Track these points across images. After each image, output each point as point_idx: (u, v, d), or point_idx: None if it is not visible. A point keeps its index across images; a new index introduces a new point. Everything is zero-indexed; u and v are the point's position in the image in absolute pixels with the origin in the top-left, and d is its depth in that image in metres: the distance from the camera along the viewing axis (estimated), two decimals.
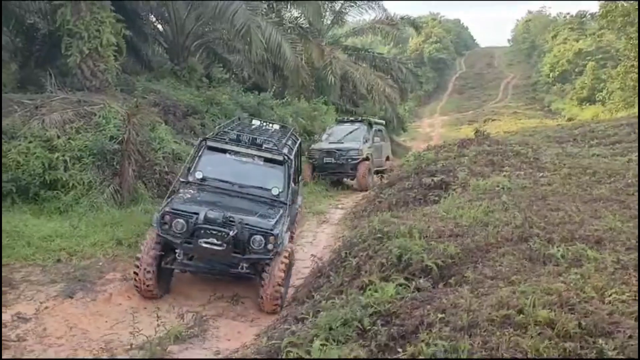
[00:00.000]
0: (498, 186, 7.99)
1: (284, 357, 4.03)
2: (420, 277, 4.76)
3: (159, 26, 20.53)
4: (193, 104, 16.22)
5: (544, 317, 3.39)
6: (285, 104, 20.58)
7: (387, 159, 18.47)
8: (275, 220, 7.03)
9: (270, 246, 6.71)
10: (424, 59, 68.82)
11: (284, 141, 8.58)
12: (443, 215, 6.74)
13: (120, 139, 10.77)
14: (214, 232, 6.66)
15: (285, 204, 7.57)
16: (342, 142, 16.25)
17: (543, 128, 25.56)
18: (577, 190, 7.56)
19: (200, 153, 8.02)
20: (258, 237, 6.70)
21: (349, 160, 15.76)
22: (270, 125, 9.68)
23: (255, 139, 8.05)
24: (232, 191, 7.59)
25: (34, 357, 5.46)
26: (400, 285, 4.55)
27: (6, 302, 6.30)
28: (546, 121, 40.31)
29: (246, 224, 6.74)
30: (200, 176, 7.71)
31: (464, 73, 78.82)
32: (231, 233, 6.61)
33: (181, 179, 7.96)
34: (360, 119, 18.38)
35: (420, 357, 3.22)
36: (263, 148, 7.96)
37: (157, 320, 5.94)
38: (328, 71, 23.48)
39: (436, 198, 9.12)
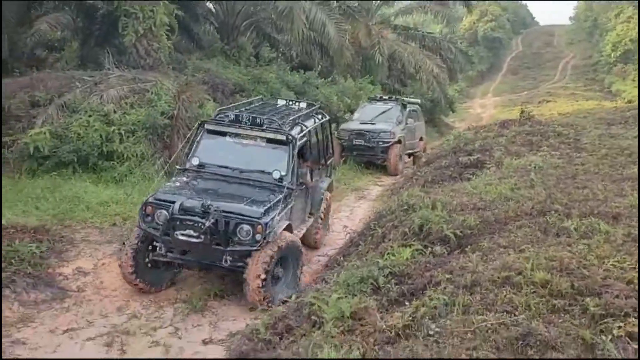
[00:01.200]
0: (530, 165, 8.13)
1: (306, 311, 4.48)
2: (437, 245, 5.09)
3: (210, 6, 21.11)
4: (241, 82, 16.75)
5: (540, 278, 3.68)
6: (331, 83, 20.87)
7: (421, 139, 17.51)
8: (266, 207, 6.29)
9: (258, 236, 6.03)
10: (477, 38, 67.21)
11: (297, 120, 7.78)
12: (470, 191, 6.99)
13: (170, 114, 11.47)
14: (190, 223, 6.05)
15: (289, 188, 6.81)
16: (374, 123, 15.27)
17: (599, 110, 24.84)
18: (609, 170, 7.63)
19: (198, 137, 7.45)
20: (245, 227, 6.06)
21: (380, 143, 14.79)
22: (296, 104, 9.07)
23: (256, 118, 7.28)
24: (231, 177, 6.97)
25: (91, 305, 6.15)
26: (417, 250, 4.91)
27: (68, 257, 7.06)
28: (604, 103, 38.90)
29: (230, 213, 6.11)
30: (197, 162, 7.15)
31: (520, 52, 76.47)
32: (207, 223, 5.95)
33: (177, 167, 7.50)
34: (394, 97, 17.34)
35: (422, 311, 3.58)
36: (265, 128, 7.18)
37: (200, 279, 6.53)
38: (375, 50, 23.55)
39: (470, 176, 9.32)
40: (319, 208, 8.30)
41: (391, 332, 3.41)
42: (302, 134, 7.48)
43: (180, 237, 6.08)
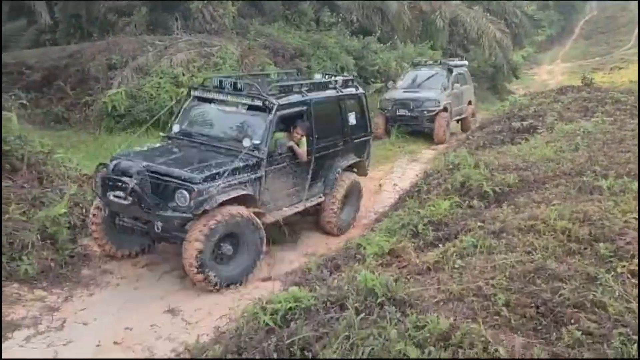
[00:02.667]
0: (579, 130, 8.27)
1: (353, 252, 5.07)
2: (476, 200, 5.51)
3: None
4: (301, 46, 17.22)
5: (561, 226, 4.08)
6: (390, 48, 20.98)
7: (469, 103, 16.36)
8: (211, 173, 5.85)
9: (192, 203, 5.63)
10: (548, 2, 64.30)
11: (295, 87, 7.18)
12: (515, 153, 7.29)
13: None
14: (119, 184, 5.83)
15: (257, 157, 6.30)
16: (418, 91, 14.52)
17: None
18: None
19: (186, 104, 7.24)
20: (182, 192, 5.67)
21: (425, 112, 13.97)
22: (333, 77, 8.26)
23: (236, 83, 6.88)
24: (206, 144, 6.64)
25: (167, 245, 6.97)
26: (455, 203, 5.36)
27: None
28: None
29: (167, 176, 5.84)
30: (177, 129, 6.97)
31: (594, 16, 72.59)
32: (130, 184, 5.68)
33: (161, 134, 7.44)
34: (439, 62, 16.51)
35: (452, 250, 4.08)
36: (243, 93, 6.76)
37: None
38: (436, 15, 23.35)
39: (521, 141, 9.52)
40: (332, 188, 7.48)
41: (423, 266, 3.93)
42: (291, 102, 6.82)
43: (112, 198, 5.93)
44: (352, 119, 7.92)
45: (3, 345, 4.87)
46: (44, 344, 4.92)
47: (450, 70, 15.23)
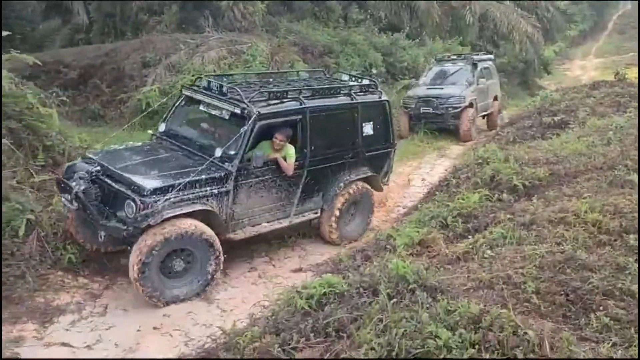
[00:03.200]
0: (612, 125, 8.21)
1: (383, 243, 5.17)
2: (505, 193, 5.56)
3: None
4: (329, 43, 17.32)
5: (591, 218, 4.12)
6: (419, 44, 20.93)
7: (495, 99, 15.59)
8: (168, 184, 5.44)
9: (137, 215, 5.21)
10: None
11: (291, 94, 6.57)
12: (546, 148, 7.29)
13: None
14: (67, 188, 5.66)
15: (226, 170, 5.84)
16: (442, 87, 13.91)
17: None
18: None
19: (177, 103, 6.93)
20: (130, 203, 5.29)
21: (449, 109, 13.39)
22: (358, 79, 7.78)
23: (222, 86, 6.45)
24: (185, 149, 6.27)
25: None
26: (485, 196, 5.42)
27: None
28: None
29: (120, 183, 5.54)
30: (163, 129, 6.70)
31: (628, 10, 70.72)
32: (74, 189, 5.48)
33: (149, 131, 7.13)
34: (463, 56, 15.67)
35: (482, 241, 4.15)
36: (227, 98, 6.32)
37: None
38: (466, 10, 23.19)
39: (552, 136, 9.48)
40: (331, 204, 6.91)
41: (452, 256, 4.02)
42: (276, 111, 6.26)
43: (63, 200, 5.82)
44: (367, 129, 7.21)
45: (50, 328, 5.14)
46: (87, 328, 5.16)
47: (474, 65, 14.59)
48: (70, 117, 11.73)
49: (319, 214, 6.96)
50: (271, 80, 7.83)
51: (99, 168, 5.74)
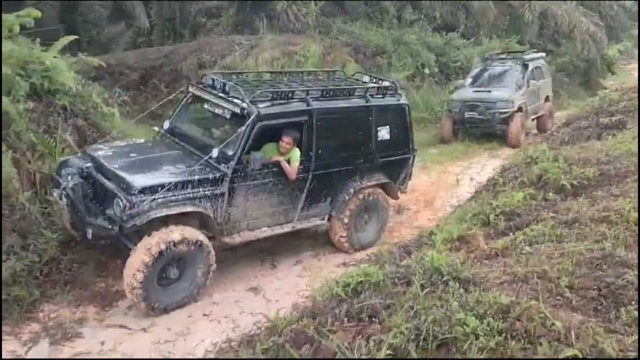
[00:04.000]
0: None
1: (426, 240, 5.26)
2: (551, 193, 5.51)
3: None
4: (382, 44, 17.38)
5: (634, 218, 4.07)
6: (474, 43, 20.64)
7: (547, 100, 14.72)
8: (153, 183, 5.35)
9: (123, 215, 5.16)
10: None
11: (297, 93, 6.34)
12: (598, 148, 7.13)
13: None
14: (58, 184, 5.74)
15: (221, 171, 5.72)
16: (489, 90, 13.05)
17: None
18: None
19: (184, 101, 6.91)
20: (118, 201, 5.26)
21: (497, 114, 12.57)
22: (379, 81, 7.50)
23: (225, 84, 6.34)
24: (186, 148, 6.19)
25: None
26: (530, 195, 5.40)
27: None
28: None
29: (109, 179, 5.53)
30: (167, 126, 6.64)
31: None
32: (63, 184, 5.57)
33: (155, 128, 7.12)
34: (512, 55, 14.73)
35: (521, 238, 4.18)
36: (229, 97, 6.20)
37: None
38: (525, 8, 22.68)
39: (608, 137, 9.22)
40: (340, 210, 6.73)
41: (491, 252, 4.07)
42: (279, 111, 6.07)
43: (55, 195, 5.90)
44: (383, 133, 6.93)
45: (109, 311, 5.52)
46: (142, 313, 5.50)
47: (525, 66, 13.66)
48: (131, 116, 12.32)
49: (326, 220, 6.79)
50: (284, 80, 7.59)
51: (90, 164, 5.73)
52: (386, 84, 7.33)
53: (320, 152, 6.36)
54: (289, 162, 6.14)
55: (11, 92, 7.25)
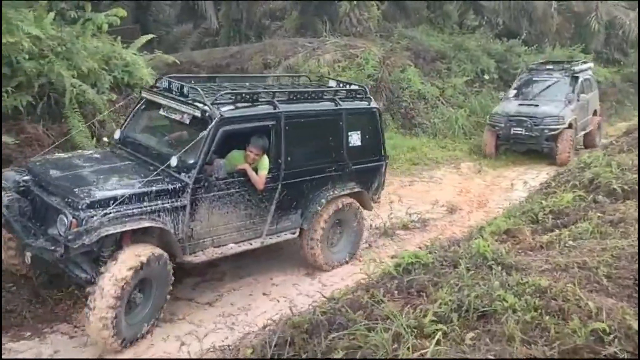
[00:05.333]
0: None
1: (476, 234, 5.52)
2: (601, 196, 5.66)
3: None
4: (442, 49, 17.50)
5: None
6: (536, 51, 20.42)
7: (595, 113, 13.76)
8: (103, 197, 4.69)
9: (70, 235, 4.41)
10: None
11: (262, 97, 5.83)
12: None
13: (375, 77, 12.94)
14: None
15: (181, 181, 5.13)
16: (537, 104, 12.08)
17: None
18: None
19: (137, 107, 6.22)
20: (62, 218, 4.59)
21: (545, 131, 11.59)
22: (347, 85, 6.99)
23: (183, 87, 5.68)
24: (141, 159, 5.56)
25: None
26: (580, 197, 5.57)
27: None
28: None
29: (51, 194, 4.87)
30: (118, 136, 5.98)
31: None
32: None
33: (105, 139, 6.38)
34: (562, 66, 13.27)
35: (566, 234, 4.40)
36: (188, 100, 5.57)
37: (391, 212, 7.93)
38: (592, 17, 22.21)
39: None
40: (312, 223, 6.21)
41: (536, 245, 4.31)
42: (243, 115, 5.55)
43: None
44: (355, 139, 6.49)
45: (178, 287, 6.03)
46: (208, 289, 6.02)
47: (575, 78, 12.63)
48: None
49: (297, 234, 6.24)
50: (247, 84, 7.06)
51: (29, 178, 5.14)
52: (355, 87, 6.89)
53: (289, 159, 5.87)
54: (256, 170, 5.61)
55: (97, 85, 8.03)
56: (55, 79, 7.13)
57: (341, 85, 6.94)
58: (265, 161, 5.66)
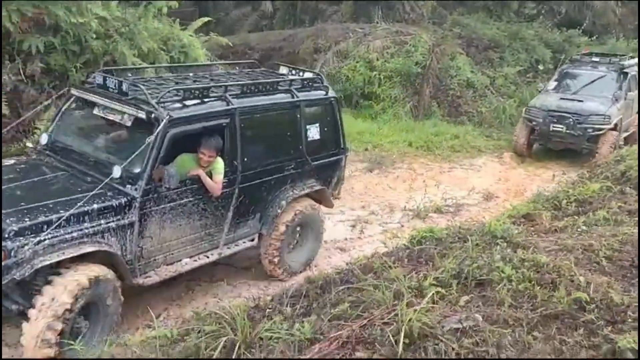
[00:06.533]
0: None
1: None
2: (629, 187, 5.74)
3: None
4: (497, 37, 17.31)
5: None
6: (597, 42, 19.83)
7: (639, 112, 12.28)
8: (36, 221, 4.06)
9: None
10: None
11: (213, 91, 5.18)
12: None
13: (423, 64, 13.07)
14: None
15: (127, 195, 4.52)
16: (581, 100, 10.84)
17: None
18: None
19: (64, 106, 5.42)
20: None
21: (589, 130, 10.43)
22: (300, 73, 6.44)
23: (121, 83, 4.93)
24: (75, 169, 4.85)
25: (343, 201, 8.22)
26: (607, 187, 5.68)
27: None
28: None
29: None
30: (45, 141, 5.19)
31: None
32: None
33: (29, 144, 5.80)
34: (609, 59, 11.89)
35: (582, 220, 4.58)
36: (128, 99, 4.88)
37: (425, 195, 8.20)
38: None
39: None
40: (271, 227, 5.70)
41: (551, 228, 4.52)
42: (195, 114, 4.94)
43: None
44: (313, 132, 6.00)
45: None
46: (244, 256, 6.49)
47: (624, 74, 11.37)
48: None
49: (255, 241, 5.73)
50: (191, 75, 6.30)
51: None
52: (309, 75, 6.36)
53: (246, 159, 5.32)
54: (210, 175, 5.05)
55: (154, 63, 8.61)
56: (119, 57, 7.73)
57: (293, 72, 6.44)
58: (220, 164, 5.09)
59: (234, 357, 2.64)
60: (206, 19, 10.55)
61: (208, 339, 2.78)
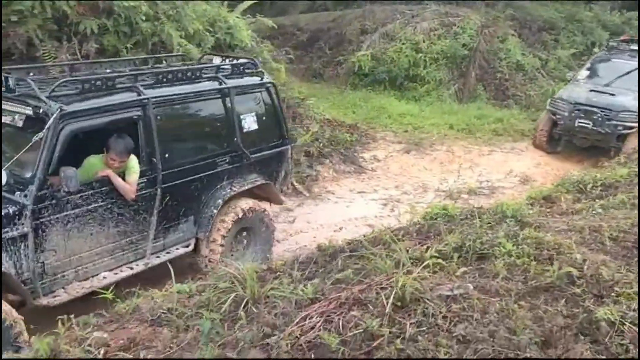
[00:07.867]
0: None
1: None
2: None
3: None
4: (552, 19, 16.84)
5: None
6: None
7: None
8: None
9: None
10: None
11: (119, 82, 4.63)
12: None
13: (470, 46, 12.94)
14: None
15: (21, 204, 3.97)
16: (613, 93, 9.66)
17: None
18: None
19: None
20: None
21: (619, 127, 9.29)
22: (233, 59, 5.93)
23: (7, 79, 4.34)
24: None
25: (378, 180, 8.45)
26: (634, 172, 5.65)
27: (369, 148, 9.63)
28: None
29: None
30: None
31: None
32: None
33: None
34: None
35: (600, 203, 4.63)
36: (16, 96, 4.31)
37: (459, 177, 8.30)
38: None
39: None
40: (209, 230, 5.21)
41: (567, 210, 4.60)
42: (93, 107, 4.37)
43: None
44: (249, 122, 5.55)
45: None
46: (278, 229, 6.84)
47: None
48: (296, 74, 13.89)
49: (191, 247, 5.21)
50: (107, 70, 5.64)
51: None
52: (243, 60, 5.87)
53: (167, 156, 4.82)
54: (123, 176, 4.54)
55: (200, 45, 9.00)
56: (166, 38, 8.15)
57: (225, 60, 5.89)
58: (133, 162, 4.58)
59: (241, 310, 2.95)
60: (251, 2, 10.84)
61: (221, 294, 3.11)
